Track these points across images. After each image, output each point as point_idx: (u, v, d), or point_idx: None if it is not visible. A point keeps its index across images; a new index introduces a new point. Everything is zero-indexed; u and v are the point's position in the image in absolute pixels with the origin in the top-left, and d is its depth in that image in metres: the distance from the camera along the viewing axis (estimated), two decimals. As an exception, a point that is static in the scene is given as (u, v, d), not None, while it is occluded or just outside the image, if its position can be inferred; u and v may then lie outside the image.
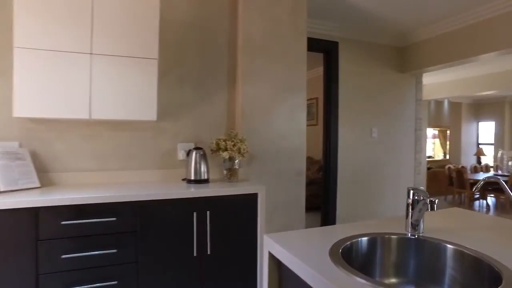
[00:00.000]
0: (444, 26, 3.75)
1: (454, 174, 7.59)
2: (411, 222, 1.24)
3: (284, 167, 2.80)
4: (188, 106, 2.61)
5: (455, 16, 3.60)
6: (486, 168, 8.89)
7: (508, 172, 7.95)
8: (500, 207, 7.23)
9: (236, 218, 2.22)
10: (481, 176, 7.71)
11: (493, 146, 9.97)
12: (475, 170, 8.50)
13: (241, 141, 2.41)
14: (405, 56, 4.32)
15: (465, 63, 3.81)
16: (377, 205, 4.31)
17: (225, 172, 2.44)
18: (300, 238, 1.16)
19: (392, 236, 1.21)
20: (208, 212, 2.12)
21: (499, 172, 8.31)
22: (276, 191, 2.76)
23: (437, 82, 7.96)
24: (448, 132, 9.42)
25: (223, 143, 2.36)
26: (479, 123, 10.23)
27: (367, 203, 4.25)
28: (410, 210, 1.24)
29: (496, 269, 0.90)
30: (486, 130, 10.16)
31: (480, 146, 10.10)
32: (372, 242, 1.19)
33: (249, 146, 2.65)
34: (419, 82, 4.53)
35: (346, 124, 4.08)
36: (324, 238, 1.16)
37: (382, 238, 1.20)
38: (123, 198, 1.91)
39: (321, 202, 4.15)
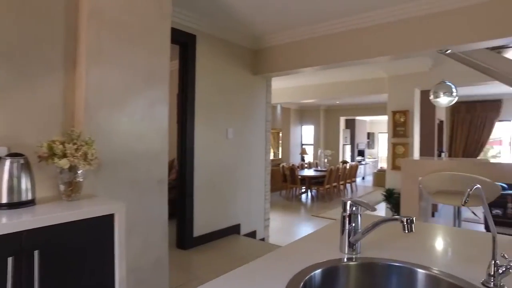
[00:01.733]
0: (291, 35, 3.94)
1: (287, 172, 8.46)
2: (348, 242, 1.01)
3: (141, 175, 2.25)
4: (-6, 91, 1.72)
5: (299, 28, 3.82)
6: (310, 165, 10.31)
7: (325, 168, 9.42)
8: (321, 197, 8.51)
9: (84, 253, 1.56)
10: (307, 172, 8.91)
11: (312, 146, 11.72)
12: (302, 167, 9.74)
13: (88, 143, 1.74)
14: (258, 59, 4.37)
15: (298, 73, 4.19)
16: (235, 207, 4.19)
17: (62, 187, 1.72)
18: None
19: (350, 263, 0.94)
20: (36, 253, 1.40)
21: (319, 168, 9.78)
22: (132, 206, 2.18)
23: (275, 88, 8.71)
24: (281, 134, 10.48)
25: (60, 146, 1.64)
26: (303, 126, 11.86)
27: (226, 207, 4.07)
28: (347, 226, 1.01)
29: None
30: (308, 133, 11.87)
31: (304, 146, 11.71)
32: (328, 274, 0.90)
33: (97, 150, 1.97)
34: (269, 85, 4.68)
35: (202, 123, 3.78)
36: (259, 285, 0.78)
37: (335, 268, 0.92)
38: None
39: (176, 208, 3.70)
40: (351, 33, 3.57)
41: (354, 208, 1.01)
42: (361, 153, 13.24)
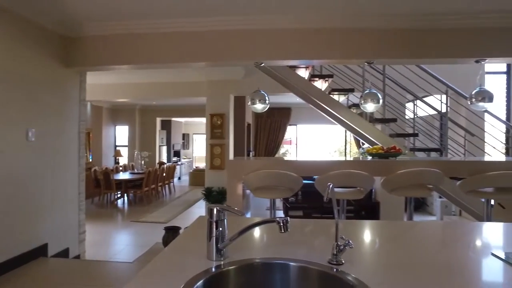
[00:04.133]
0: (119, 27, 3.61)
1: (101, 176, 7.65)
2: (217, 248, 1.01)
3: None
4: None
5: (125, 21, 3.55)
6: (125, 168, 9.69)
7: (142, 170, 9.07)
8: (139, 201, 8.15)
9: None
10: (123, 175, 8.33)
11: (127, 148, 11.06)
12: (117, 170, 9.04)
13: None
14: (72, 49, 3.75)
15: (117, 70, 3.93)
16: (39, 225, 3.45)
17: None
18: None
19: (227, 268, 0.93)
20: None
21: (135, 170, 9.32)
22: None
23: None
24: (91, 134, 9.38)
25: None
26: (116, 126, 11.00)
27: (26, 226, 3.30)
28: (214, 233, 1.01)
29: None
30: (122, 133, 11.11)
31: (118, 148, 10.89)
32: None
33: None
34: (83, 81, 4.10)
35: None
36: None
37: (209, 278, 0.90)
38: None
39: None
40: (176, 35, 3.58)
41: (221, 214, 1.02)
42: (177, 153, 13.49)
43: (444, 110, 5.13)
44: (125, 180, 7.87)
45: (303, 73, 5.42)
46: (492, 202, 3.47)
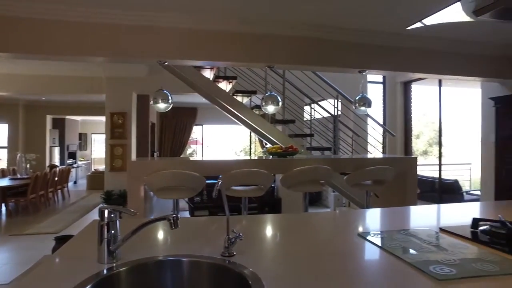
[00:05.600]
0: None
1: (-29, 184, 6.49)
2: (109, 250, 0.98)
3: None
4: None
5: (8, 0, 3.10)
6: (4, 173, 8.40)
7: (27, 174, 7.98)
8: (23, 210, 7.14)
9: None
10: (2, 182, 7.18)
11: (7, 149, 9.59)
12: (-5, 176, 7.77)
13: None
14: None
15: None
16: None
17: None
18: None
19: (120, 270, 0.91)
20: None
21: (18, 175, 8.14)
22: None
23: None
24: (-43, 134, 7.86)
25: None
26: (-8, 124, 9.45)
27: None
28: (106, 235, 0.99)
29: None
30: (0, 133, 9.59)
31: (-5, 149, 9.36)
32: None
33: None
34: None
35: None
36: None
37: (101, 282, 0.87)
38: None
39: None
40: (71, 25, 3.27)
41: (112, 215, 1.00)
42: (73, 155, 12.23)
43: (336, 113, 5.74)
44: (4, 188, 6.81)
45: (208, 74, 5.48)
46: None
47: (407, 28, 1.82)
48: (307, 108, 6.29)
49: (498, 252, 1.11)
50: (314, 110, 5.86)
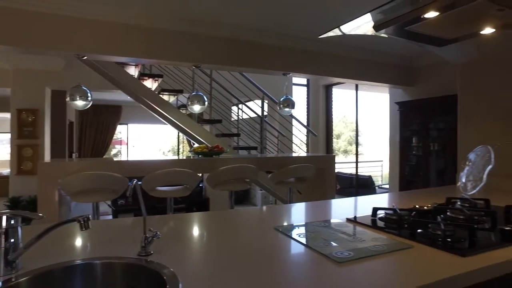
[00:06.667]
0: None
1: None
2: (7, 260, 0.91)
3: None
4: None
5: None
6: None
7: None
8: None
9: None
10: None
11: None
12: None
13: None
14: None
15: None
16: None
17: None
18: None
19: (20, 280, 0.84)
20: None
21: None
22: None
23: None
24: None
25: None
26: None
27: None
28: (3, 244, 0.91)
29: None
30: None
31: None
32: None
33: None
34: None
35: None
36: None
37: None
38: None
39: None
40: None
41: (12, 222, 0.92)
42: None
43: (262, 114, 5.93)
44: None
45: (133, 71, 5.24)
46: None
47: (320, 37, 1.99)
48: (235, 108, 6.38)
49: (391, 235, 1.28)
50: (242, 111, 5.98)
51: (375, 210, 1.54)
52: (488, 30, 1.67)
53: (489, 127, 2.50)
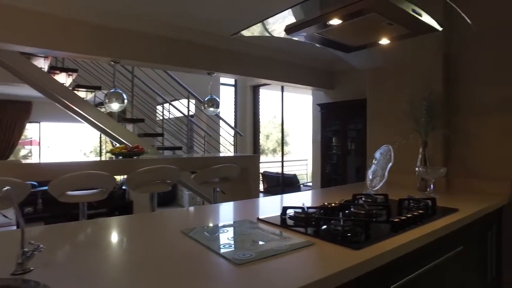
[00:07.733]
0: None
1: None
2: None
3: None
4: None
5: None
6: None
7: None
8: None
9: None
10: None
11: None
12: None
13: None
14: None
15: None
16: None
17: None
18: None
19: None
20: None
21: None
22: None
23: None
24: None
25: None
26: None
27: None
28: None
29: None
30: None
31: None
32: None
33: None
34: None
35: None
36: None
37: None
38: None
39: None
40: None
41: None
42: None
43: (188, 113, 5.80)
44: None
45: (42, 63, 4.74)
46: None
47: (231, 36, 1.99)
48: (160, 107, 6.15)
49: (298, 234, 1.32)
50: (168, 110, 5.78)
51: (285, 209, 1.58)
52: (384, 41, 1.83)
53: (390, 128, 2.77)
